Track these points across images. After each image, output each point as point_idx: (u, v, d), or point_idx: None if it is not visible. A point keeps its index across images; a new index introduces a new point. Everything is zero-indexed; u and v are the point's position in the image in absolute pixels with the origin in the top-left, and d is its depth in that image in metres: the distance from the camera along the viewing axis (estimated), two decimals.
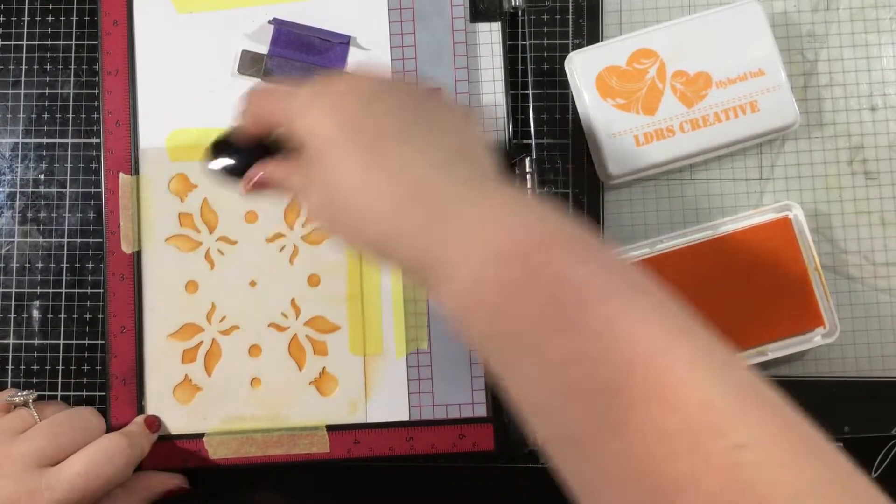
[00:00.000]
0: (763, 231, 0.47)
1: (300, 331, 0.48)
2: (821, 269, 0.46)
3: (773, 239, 0.46)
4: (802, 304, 0.46)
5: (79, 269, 0.49)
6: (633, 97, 0.47)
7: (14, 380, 0.49)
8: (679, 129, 0.47)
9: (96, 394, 0.48)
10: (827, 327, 0.46)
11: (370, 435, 0.47)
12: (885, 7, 0.49)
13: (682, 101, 0.47)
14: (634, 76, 0.47)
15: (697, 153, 0.47)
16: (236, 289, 0.48)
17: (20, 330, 0.49)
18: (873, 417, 0.47)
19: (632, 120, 0.47)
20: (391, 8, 0.49)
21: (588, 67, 0.47)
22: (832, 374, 0.48)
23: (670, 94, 0.47)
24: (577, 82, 0.48)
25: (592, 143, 0.48)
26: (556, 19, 0.50)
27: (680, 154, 0.47)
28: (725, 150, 0.48)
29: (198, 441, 0.47)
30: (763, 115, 0.47)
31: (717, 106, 0.47)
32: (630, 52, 0.47)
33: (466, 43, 0.49)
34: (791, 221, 0.46)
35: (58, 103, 0.50)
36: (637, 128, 0.47)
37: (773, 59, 0.47)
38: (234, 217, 0.48)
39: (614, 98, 0.47)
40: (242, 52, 0.49)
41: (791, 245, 0.46)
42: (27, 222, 0.50)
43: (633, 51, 0.47)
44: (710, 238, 0.47)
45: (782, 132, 0.47)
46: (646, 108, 0.47)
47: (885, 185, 0.49)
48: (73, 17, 0.51)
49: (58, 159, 0.50)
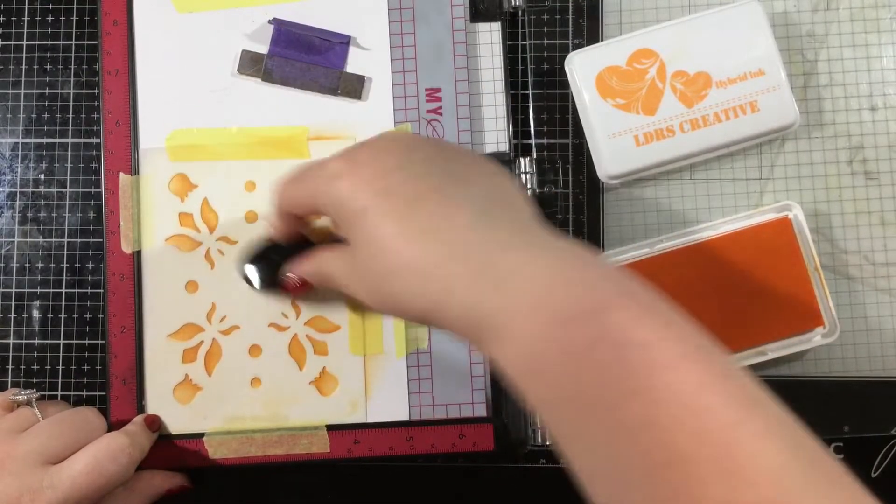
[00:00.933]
0: (763, 231, 0.47)
1: (300, 331, 0.48)
2: (821, 269, 0.46)
3: (773, 239, 0.46)
4: (802, 304, 0.46)
5: (79, 269, 0.49)
6: (633, 97, 0.47)
7: (14, 380, 0.49)
8: (679, 128, 0.47)
9: (96, 394, 0.48)
10: (827, 327, 0.46)
11: (370, 435, 0.47)
12: (885, 7, 0.49)
13: (682, 101, 0.47)
14: (634, 76, 0.47)
15: (697, 153, 0.47)
16: (236, 289, 0.48)
17: (20, 330, 0.49)
18: (873, 417, 0.47)
19: (632, 120, 0.47)
20: (391, 8, 0.49)
21: (588, 67, 0.47)
22: (832, 374, 0.48)
23: (670, 94, 0.47)
24: (577, 82, 0.47)
25: (592, 143, 0.48)
26: (556, 19, 0.50)
27: (680, 154, 0.47)
28: (725, 150, 0.48)
29: (198, 441, 0.47)
30: (763, 114, 0.47)
31: (717, 106, 0.47)
32: (630, 52, 0.47)
33: (466, 43, 0.49)
34: (791, 221, 0.46)
35: (58, 103, 0.50)
36: (637, 128, 0.47)
37: (773, 58, 0.47)
38: (234, 217, 0.48)
39: (614, 98, 0.47)
40: (242, 52, 0.49)
41: (791, 245, 0.46)
42: (27, 222, 0.50)
43: (633, 51, 0.47)
44: (710, 238, 0.47)
45: (782, 132, 0.47)
46: (646, 108, 0.47)
47: (885, 185, 0.49)
48: (73, 17, 0.51)
49: (58, 159, 0.50)
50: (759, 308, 0.46)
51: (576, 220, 0.49)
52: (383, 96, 0.49)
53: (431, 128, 0.48)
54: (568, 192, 0.49)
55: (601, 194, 0.49)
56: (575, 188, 0.49)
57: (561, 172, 0.49)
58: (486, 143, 0.49)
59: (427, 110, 0.48)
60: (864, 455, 0.48)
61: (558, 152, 0.49)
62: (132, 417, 0.47)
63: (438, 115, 0.48)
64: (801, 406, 0.47)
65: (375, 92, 0.49)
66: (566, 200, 0.49)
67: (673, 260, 0.47)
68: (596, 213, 0.49)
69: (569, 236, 0.47)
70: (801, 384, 0.47)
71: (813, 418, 0.47)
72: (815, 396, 0.48)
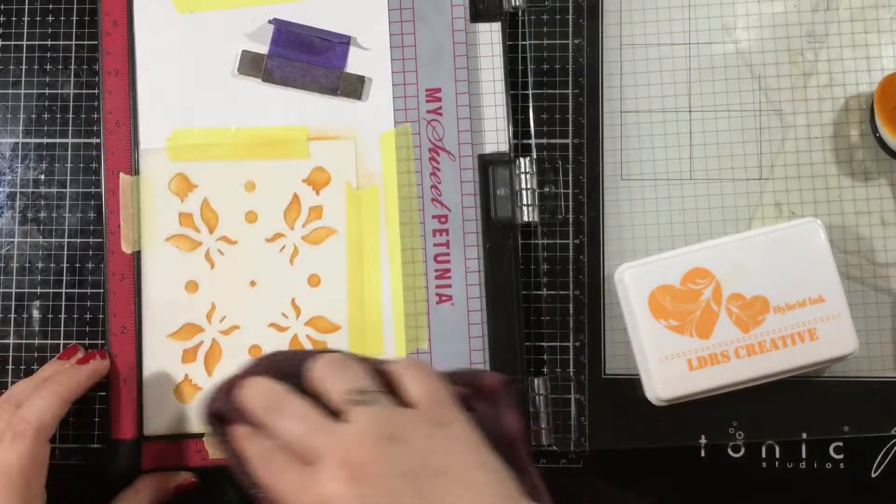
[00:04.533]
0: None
1: (300, 331, 0.48)
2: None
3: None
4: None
5: (79, 269, 0.49)
6: (686, 319, 0.45)
7: (14, 380, 0.49)
8: (734, 354, 0.45)
9: (97, 393, 0.48)
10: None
11: None
12: (885, 7, 0.49)
13: (738, 325, 0.45)
14: (689, 297, 0.45)
15: (752, 380, 0.45)
16: (236, 289, 0.48)
17: (20, 330, 0.49)
18: (873, 417, 0.47)
19: (685, 343, 0.45)
20: (391, 8, 0.49)
21: (641, 285, 0.45)
22: (832, 374, 0.48)
23: (725, 318, 0.45)
24: (631, 299, 0.45)
25: (642, 364, 0.46)
26: (556, 19, 0.50)
27: (734, 381, 0.45)
28: (782, 377, 0.46)
29: (198, 441, 0.47)
30: (821, 343, 0.45)
31: (775, 332, 0.45)
32: (684, 271, 0.45)
33: (466, 43, 0.49)
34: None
35: (58, 103, 0.50)
36: (690, 351, 0.45)
37: (834, 284, 0.45)
38: (234, 217, 0.48)
39: (667, 319, 0.45)
40: (242, 52, 0.49)
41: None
42: (27, 222, 0.50)
43: (688, 270, 0.45)
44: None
45: (841, 360, 0.46)
46: (700, 331, 0.45)
47: (885, 185, 0.49)
48: (73, 17, 0.51)
49: (58, 159, 0.50)
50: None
51: (576, 220, 0.49)
52: (383, 96, 0.49)
53: (431, 128, 0.48)
54: (568, 192, 0.49)
55: (601, 194, 0.49)
56: (575, 188, 0.49)
57: (561, 172, 0.49)
58: (486, 143, 0.49)
59: (427, 110, 0.48)
60: (864, 455, 0.48)
61: (558, 152, 0.49)
62: (132, 417, 0.47)
63: (438, 115, 0.48)
64: (802, 406, 0.48)
65: (375, 92, 0.49)
66: (566, 200, 0.49)
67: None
68: (596, 213, 0.49)
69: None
70: (801, 384, 0.47)
71: (813, 418, 0.48)
72: (816, 396, 0.48)
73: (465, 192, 0.48)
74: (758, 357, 0.45)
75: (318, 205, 0.48)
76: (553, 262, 0.49)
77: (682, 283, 0.45)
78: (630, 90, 0.49)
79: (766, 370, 0.45)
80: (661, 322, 0.45)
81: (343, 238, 0.48)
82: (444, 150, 0.48)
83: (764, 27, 0.49)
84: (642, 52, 0.49)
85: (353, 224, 0.48)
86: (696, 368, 0.45)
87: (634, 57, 0.49)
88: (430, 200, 0.48)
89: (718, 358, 0.45)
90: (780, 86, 0.49)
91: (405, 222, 0.48)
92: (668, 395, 0.45)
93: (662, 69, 0.49)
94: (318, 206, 0.48)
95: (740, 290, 0.45)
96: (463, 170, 0.48)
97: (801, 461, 0.48)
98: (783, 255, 0.45)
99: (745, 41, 0.49)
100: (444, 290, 0.48)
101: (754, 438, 0.48)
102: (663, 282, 0.45)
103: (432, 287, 0.48)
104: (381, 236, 0.48)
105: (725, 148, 0.49)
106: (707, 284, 0.45)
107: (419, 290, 0.48)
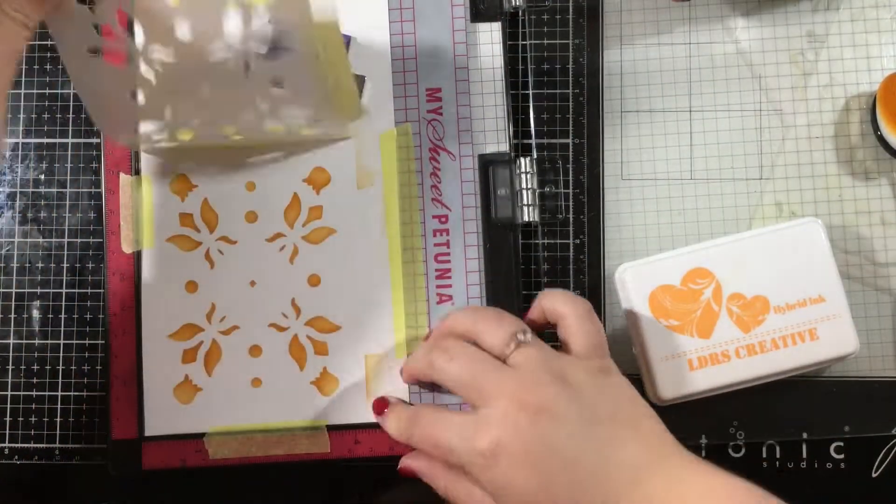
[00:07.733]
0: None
1: (300, 331, 0.48)
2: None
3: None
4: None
5: (79, 269, 0.49)
6: (687, 319, 0.45)
7: (14, 380, 0.49)
8: (735, 354, 0.45)
9: (97, 394, 0.48)
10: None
11: (371, 435, 0.47)
12: (885, 7, 0.49)
13: (739, 325, 0.45)
14: (689, 297, 0.45)
15: (753, 379, 0.45)
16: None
17: (20, 330, 0.49)
18: (873, 417, 0.47)
19: (686, 343, 0.45)
20: (391, 8, 0.49)
21: (641, 285, 0.46)
22: (832, 374, 0.48)
23: (726, 318, 0.45)
24: (631, 299, 0.46)
25: (644, 364, 0.46)
26: (556, 19, 0.50)
27: (735, 380, 0.45)
28: (783, 377, 0.46)
29: (198, 441, 0.47)
30: (822, 343, 0.45)
31: (775, 332, 0.45)
32: (685, 271, 0.45)
33: (466, 43, 0.49)
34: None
35: (58, 103, 0.50)
36: (691, 351, 0.45)
37: (834, 284, 0.45)
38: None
39: (668, 319, 0.45)
40: None
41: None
42: (27, 222, 0.50)
43: (688, 270, 0.45)
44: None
45: (841, 360, 0.46)
46: (700, 330, 0.45)
47: (885, 185, 0.49)
48: None
49: (58, 159, 0.50)
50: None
51: (576, 220, 0.49)
52: (383, 96, 0.49)
53: (431, 127, 0.48)
54: (568, 192, 0.49)
55: (601, 194, 0.49)
56: (575, 188, 0.49)
57: (561, 172, 0.49)
58: (486, 142, 0.49)
59: (427, 110, 0.48)
60: (864, 455, 0.48)
61: (558, 152, 0.49)
62: (132, 418, 0.47)
63: (438, 115, 0.48)
64: (802, 406, 0.48)
65: (375, 92, 0.49)
66: (566, 200, 0.49)
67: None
68: (596, 213, 0.49)
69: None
70: (801, 384, 0.47)
71: (813, 418, 0.48)
72: (816, 396, 0.48)
73: (466, 191, 0.48)
74: (758, 357, 0.45)
75: (318, 205, 0.48)
76: (553, 262, 0.49)
77: (683, 282, 0.45)
78: (630, 90, 0.49)
79: (767, 370, 0.45)
80: (661, 322, 0.45)
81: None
82: (445, 149, 0.48)
83: (764, 27, 0.49)
84: (642, 52, 0.49)
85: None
86: (696, 368, 0.45)
87: (634, 57, 0.50)
88: (430, 200, 0.48)
89: (719, 358, 0.45)
90: (781, 86, 0.49)
91: (405, 222, 0.48)
92: (669, 395, 0.45)
93: (662, 69, 0.49)
94: (317, 206, 0.48)
95: (741, 289, 0.45)
96: (463, 170, 0.48)
97: (801, 461, 0.48)
98: (783, 254, 0.45)
99: (745, 41, 0.49)
100: (444, 290, 0.48)
101: (755, 438, 0.48)
102: (664, 282, 0.46)
103: (432, 287, 0.48)
104: (381, 236, 0.48)
105: (726, 148, 0.49)
106: (707, 284, 0.45)
107: (419, 290, 0.48)
